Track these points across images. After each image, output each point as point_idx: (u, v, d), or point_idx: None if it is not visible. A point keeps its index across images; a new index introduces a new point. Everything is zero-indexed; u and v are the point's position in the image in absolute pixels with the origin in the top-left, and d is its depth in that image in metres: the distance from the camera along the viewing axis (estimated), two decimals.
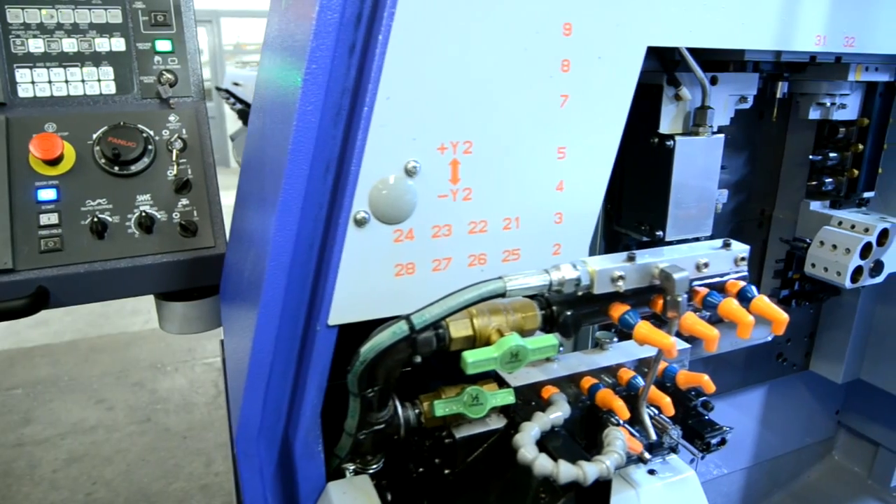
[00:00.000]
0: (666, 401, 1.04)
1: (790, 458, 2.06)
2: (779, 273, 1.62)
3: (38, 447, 3.48)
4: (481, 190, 0.93)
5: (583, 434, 1.07)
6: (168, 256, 1.54)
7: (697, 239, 1.38)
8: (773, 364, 1.78)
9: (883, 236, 1.39)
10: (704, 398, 1.12)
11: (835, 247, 1.39)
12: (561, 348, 1.10)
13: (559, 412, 0.97)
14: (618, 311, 0.91)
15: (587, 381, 1.07)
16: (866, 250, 1.38)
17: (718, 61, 1.28)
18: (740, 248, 0.96)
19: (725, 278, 1.01)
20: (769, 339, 1.07)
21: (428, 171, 0.89)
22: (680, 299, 0.87)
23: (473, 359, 0.80)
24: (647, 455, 1.00)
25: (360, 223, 0.88)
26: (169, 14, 1.90)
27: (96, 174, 1.57)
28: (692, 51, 1.20)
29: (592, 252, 1.39)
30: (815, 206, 1.54)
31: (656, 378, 1.13)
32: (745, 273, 1.04)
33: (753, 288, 0.98)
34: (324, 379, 0.95)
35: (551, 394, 1.03)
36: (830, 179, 1.50)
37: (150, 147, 1.84)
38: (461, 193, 0.92)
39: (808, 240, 1.49)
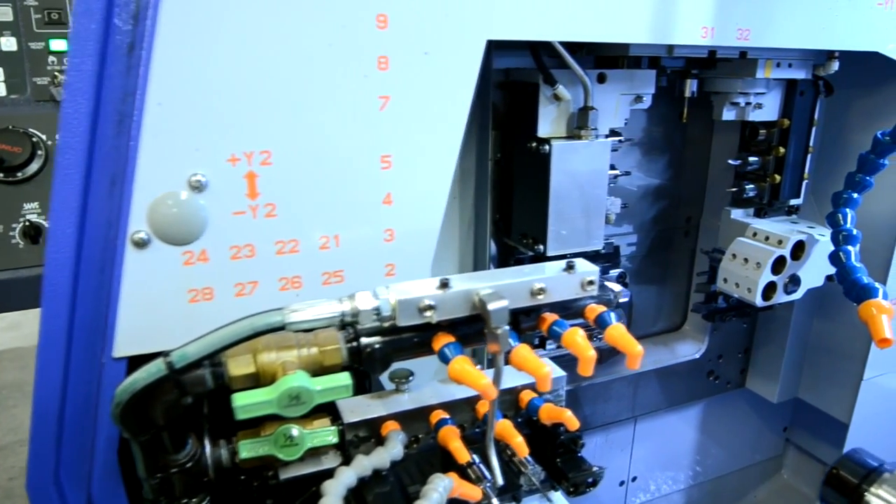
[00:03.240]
0: (517, 440, 0.93)
1: (735, 477, 1.93)
2: (702, 286, 1.49)
3: None
4: (288, 205, 0.82)
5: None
6: None
7: (599, 253, 1.27)
8: (705, 382, 1.65)
9: (798, 249, 1.26)
10: (574, 434, 1.01)
11: (746, 260, 1.26)
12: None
13: (384, 454, 0.86)
14: (440, 343, 0.80)
15: (436, 416, 0.96)
16: (779, 264, 1.24)
17: (608, 57, 1.16)
18: (587, 270, 0.85)
19: (584, 303, 0.90)
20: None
21: (218, 186, 0.79)
22: (499, 332, 0.76)
23: (243, 402, 0.70)
24: (495, 501, 0.89)
25: (139, 244, 0.78)
26: (64, 12, 1.80)
27: None
28: (573, 45, 1.09)
29: (483, 267, 1.28)
30: (737, 214, 1.41)
31: (523, 412, 1.02)
32: (609, 297, 0.93)
33: (612, 315, 0.87)
34: None
35: (389, 431, 0.92)
36: (752, 185, 1.37)
37: (39, 152, 1.75)
38: (262, 210, 0.81)
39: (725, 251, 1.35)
